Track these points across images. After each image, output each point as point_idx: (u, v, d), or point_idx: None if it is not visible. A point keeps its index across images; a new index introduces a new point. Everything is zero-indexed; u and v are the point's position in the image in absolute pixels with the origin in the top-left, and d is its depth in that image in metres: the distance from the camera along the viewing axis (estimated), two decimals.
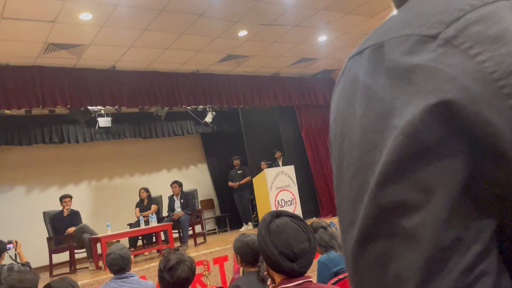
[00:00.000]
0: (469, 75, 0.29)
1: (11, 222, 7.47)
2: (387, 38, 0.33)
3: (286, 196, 7.08)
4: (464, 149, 0.29)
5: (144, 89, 6.57)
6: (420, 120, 0.30)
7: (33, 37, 4.98)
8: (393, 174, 0.30)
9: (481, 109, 0.29)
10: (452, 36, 0.30)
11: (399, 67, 0.31)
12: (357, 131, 0.33)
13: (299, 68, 8.09)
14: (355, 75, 0.34)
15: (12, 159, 7.93)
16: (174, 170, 9.83)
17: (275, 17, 5.59)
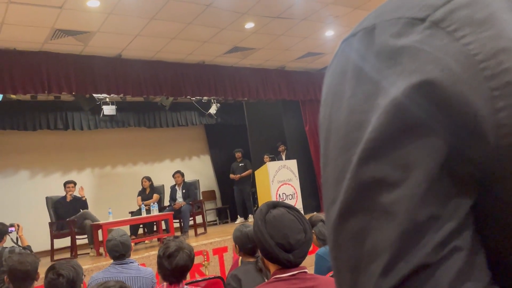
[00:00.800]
0: (453, 56, 0.30)
1: (14, 206, 7.55)
2: (379, 21, 0.34)
3: (287, 190, 7.10)
4: (444, 129, 0.30)
5: (149, 79, 6.58)
6: (402, 98, 0.30)
7: (40, 23, 4.99)
8: (374, 151, 0.31)
9: (462, 89, 0.29)
10: (440, 19, 0.31)
11: (387, 49, 0.32)
12: (345, 111, 0.33)
13: (305, 62, 8.06)
14: (347, 57, 0.35)
15: (17, 143, 7.99)
16: (177, 160, 9.87)
17: (283, 10, 5.57)
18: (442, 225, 0.29)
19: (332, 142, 0.34)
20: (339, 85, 0.35)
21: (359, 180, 0.31)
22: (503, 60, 0.29)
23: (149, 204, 6.84)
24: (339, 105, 0.34)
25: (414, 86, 0.30)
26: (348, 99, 0.33)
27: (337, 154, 0.33)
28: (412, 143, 0.30)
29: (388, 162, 0.30)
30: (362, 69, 0.33)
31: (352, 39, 0.35)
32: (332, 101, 0.35)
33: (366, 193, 0.31)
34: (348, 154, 0.32)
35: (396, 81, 0.31)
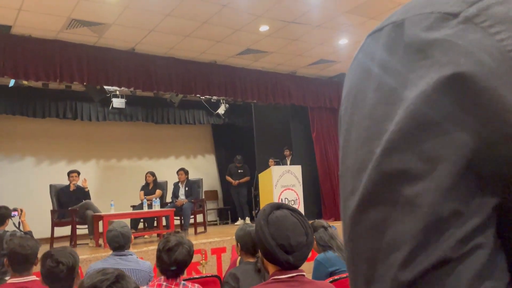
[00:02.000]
0: (487, 51, 0.30)
1: (18, 191, 7.60)
2: (409, 16, 0.33)
3: (290, 195, 7.09)
4: (474, 124, 0.29)
5: (160, 74, 6.61)
6: (432, 91, 0.30)
7: (57, 11, 5.04)
8: (400, 143, 0.30)
9: (495, 84, 0.29)
10: (474, 14, 0.31)
11: (418, 42, 0.31)
12: (369, 102, 0.33)
13: (317, 69, 8.06)
14: (372, 51, 0.35)
15: (25, 130, 8.05)
16: (182, 157, 9.89)
17: (299, 15, 5.58)
18: (465, 221, 0.29)
19: (354, 133, 0.34)
20: (364, 79, 0.34)
21: (382, 171, 0.31)
22: None
23: (151, 199, 6.85)
24: (363, 97, 0.34)
25: (446, 78, 0.30)
26: (374, 90, 0.33)
27: (359, 145, 0.33)
28: (439, 137, 0.29)
29: (414, 154, 0.30)
30: (389, 62, 0.33)
31: (379, 33, 0.35)
32: (356, 93, 0.35)
33: (389, 185, 0.30)
34: (371, 145, 0.32)
35: (426, 74, 0.30)
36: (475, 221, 0.29)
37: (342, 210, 0.35)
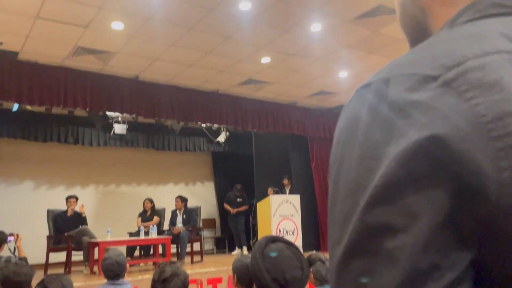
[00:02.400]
0: (462, 115, 0.32)
1: (15, 216, 7.55)
2: (394, 75, 0.36)
3: (288, 225, 7.03)
4: (450, 183, 0.31)
5: (163, 102, 6.69)
6: (411, 150, 0.32)
7: (64, 39, 5.16)
8: (382, 197, 0.32)
9: (469, 147, 0.31)
10: (452, 79, 0.33)
11: (400, 101, 0.34)
12: (356, 155, 0.35)
13: (317, 100, 8.16)
14: (360, 105, 0.37)
15: (25, 153, 8.08)
16: (181, 184, 9.87)
17: (300, 48, 5.70)
18: (443, 274, 0.31)
19: (341, 184, 0.36)
20: (352, 130, 0.37)
21: (365, 223, 0.33)
22: (509, 123, 0.31)
23: (148, 226, 6.80)
24: (351, 149, 0.36)
25: (424, 139, 0.32)
26: (360, 144, 0.35)
27: (346, 196, 0.35)
28: (418, 193, 0.31)
29: (394, 209, 0.32)
30: (375, 117, 0.35)
31: (368, 88, 0.37)
32: (344, 144, 0.37)
33: (371, 237, 0.32)
34: (356, 197, 0.34)
35: (406, 133, 0.33)
36: (453, 274, 0.31)
37: (330, 257, 0.36)
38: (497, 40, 0.36)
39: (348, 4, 4.59)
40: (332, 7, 4.66)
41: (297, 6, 4.61)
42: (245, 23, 4.93)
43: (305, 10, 4.71)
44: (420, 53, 0.38)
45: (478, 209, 0.31)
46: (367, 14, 4.84)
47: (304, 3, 4.55)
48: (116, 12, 4.58)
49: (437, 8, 0.47)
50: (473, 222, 0.31)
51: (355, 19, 4.96)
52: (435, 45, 0.38)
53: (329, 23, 5.03)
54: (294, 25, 5.04)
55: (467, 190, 0.31)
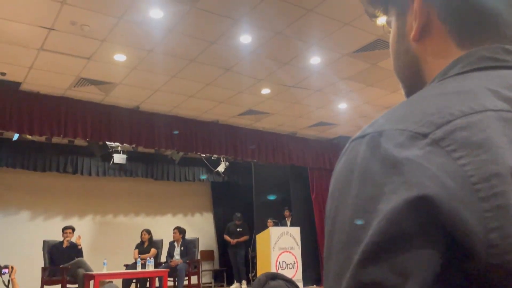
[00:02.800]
0: (450, 175, 0.33)
1: (11, 246, 7.42)
2: (385, 129, 0.37)
3: (288, 258, 6.90)
4: (440, 241, 0.32)
5: (163, 132, 6.72)
6: (401, 209, 0.32)
7: (67, 71, 5.23)
8: (374, 255, 0.33)
9: (457, 207, 0.32)
10: (440, 137, 0.34)
11: (391, 157, 0.35)
12: (350, 208, 0.36)
13: (316, 131, 8.20)
14: (354, 157, 0.38)
15: (23, 183, 8.03)
16: (179, 215, 9.76)
17: (299, 80, 5.78)
18: None
19: (336, 236, 0.37)
20: (346, 182, 0.37)
21: (358, 280, 0.33)
22: (496, 184, 0.32)
23: (145, 258, 6.68)
24: (345, 202, 0.37)
25: (414, 199, 0.32)
26: (353, 198, 0.36)
27: (340, 249, 0.36)
28: (409, 252, 0.32)
29: (386, 267, 0.32)
30: (367, 171, 0.36)
31: (361, 141, 0.38)
32: (339, 196, 0.38)
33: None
34: (349, 251, 0.34)
35: (396, 190, 0.33)
36: None
37: None
38: (485, 97, 0.37)
39: (347, 38, 4.68)
40: (331, 41, 4.75)
41: (297, 40, 4.70)
42: (245, 55, 5.01)
43: (304, 44, 4.80)
44: (411, 108, 0.39)
45: (468, 267, 0.32)
46: (365, 48, 4.93)
47: (303, 37, 4.64)
48: (119, 45, 4.66)
49: (430, 59, 0.49)
50: (464, 280, 0.32)
51: (353, 53, 5.05)
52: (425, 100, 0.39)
53: (328, 56, 5.12)
54: (294, 58, 5.12)
55: (457, 249, 0.32)
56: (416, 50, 0.51)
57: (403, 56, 0.53)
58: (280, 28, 4.44)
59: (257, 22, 4.31)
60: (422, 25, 0.49)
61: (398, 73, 0.56)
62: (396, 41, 0.55)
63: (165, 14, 4.10)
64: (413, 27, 0.50)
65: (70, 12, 3.98)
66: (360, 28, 4.48)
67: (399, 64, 0.55)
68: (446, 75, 0.44)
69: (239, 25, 4.35)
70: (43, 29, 4.25)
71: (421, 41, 0.50)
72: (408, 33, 0.51)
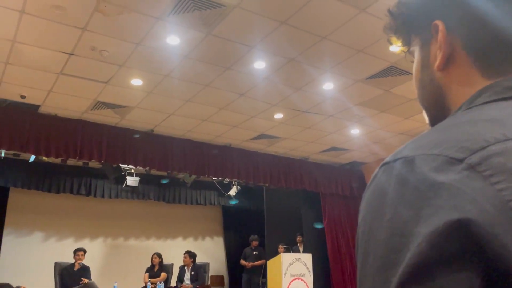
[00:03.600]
0: (488, 200, 0.33)
1: (23, 267, 7.44)
2: (419, 154, 0.38)
3: (299, 285, 6.76)
4: (479, 265, 0.32)
5: (176, 155, 6.77)
6: (442, 232, 0.33)
7: (85, 94, 5.35)
8: (413, 277, 0.33)
9: (497, 231, 0.32)
10: (477, 163, 0.35)
11: (427, 181, 0.35)
12: (384, 231, 0.36)
13: (329, 156, 8.18)
14: (386, 182, 0.38)
15: (37, 204, 8.10)
16: (190, 239, 9.71)
17: (312, 105, 5.81)
18: None
19: (371, 259, 0.37)
20: (380, 205, 0.38)
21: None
22: None
23: (155, 283, 6.62)
24: (379, 225, 0.37)
25: (454, 222, 0.33)
26: (388, 221, 0.36)
27: (376, 271, 0.36)
28: (449, 275, 0.32)
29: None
30: (402, 194, 0.36)
31: (392, 165, 0.39)
32: (372, 220, 0.38)
33: None
34: (386, 274, 0.34)
35: (435, 214, 0.34)
36: None
37: None
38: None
39: (360, 65, 4.73)
40: (344, 68, 4.80)
41: (310, 66, 4.76)
42: (259, 81, 5.08)
43: (317, 70, 4.86)
44: (443, 133, 0.40)
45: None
46: (378, 75, 4.96)
47: (316, 63, 4.70)
48: (136, 69, 4.77)
49: (455, 87, 0.50)
50: None
51: (366, 79, 5.08)
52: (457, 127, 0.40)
53: (341, 82, 5.16)
54: (307, 83, 5.17)
55: (496, 273, 0.32)
56: (441, 79, 0.51)
57: (428, 85, 0.54)
58: (294, 55, 4.51)
59: (271, 49, 4.39)
60: (447, 55, 0.50)
61: (423, 101, 0.57)
62: (420, 70, 0.55)
63: (182, 40, 4.20)
64: (437, 56, 0.51)
65: (90, 38, 4.11)
66: (372, 55, 4.52)
67: (423, 93, 0.56)
68: (473, 104, 0.45)
69: (253, 52, 4.43)
70: (63, 54, 4.39)
71: (446, 70, 0.50)
72: (432, 62, 0.52)
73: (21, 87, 5.13)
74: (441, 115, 0.49)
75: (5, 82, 5.00)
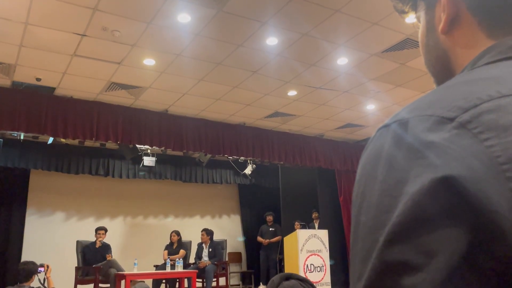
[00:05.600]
0: (476, 156, 0.33)
1: (46, 246, 7.69)
2: (413, 115, 0.38)
3: (316, 261, 6.84)
4: (466, 221, 0.32)
5: (191, 135, 6.81)
6: (427, 189, 0.33)
7: (98, 75, 5.38)
8: (400, 235, 0.33)
9: (483, 188, 0.32)
10: (467, 120, 0.35)
11: (418, 142, 0.35)
12: (376, 193, 0.36)
13: (344, 132, 8.11)
14: (381, 145, 0.38)
15: (58, 185, 8.30)
16: (207, 217, 9.86)
17: (326, 81, 5.74)
18: None
19: (362, 221, 0.37)
20: (373, 169, 0.38)
21: (384, 260, 0.33)
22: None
23: (174, 259, 6.77)
24: (372, 187, 0.37)
25: (439, 179, 0.33)
26: (380, 183, 0.36)
27: (366, 233, 0.36)
28: (435, 231, 0.32)
29: (412, 246, 0.32)
30: (395, 156, 0.36)
31: (387, 129, 0.39)
32: (365, 183, 0.38)
33: (390, 274, 0.33)
34: (376, 234, 0.35)
35: (422, 173, 0.34)
36: None
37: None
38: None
39: (375, 38, 4.62)
40: (359, 42, 4.70)
41: (323, 41, 4.68)
42: (272, 57, 5.02)
43: (331, 45, 4.77)
44: (438, 95, 0.39)
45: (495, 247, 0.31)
46: (394, 48, 4.85)
47: (330, 38, 4.61)
48: (148, 49, 4.76)
49: (459, 50, 0.49)
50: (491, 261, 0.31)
51: (381, 53, 4.97)
52: (453, 87, 0.40)
53: (356, 56, 5.06)
54: (321, 59, 5.10)
55: (483, 229, 0.31)
56: (445, 42, 0.51)
57: (433, 49, 0.53)
58: (307, 30, 4.43)
59: (284, 24, 4.32)
60: (451, 17, 0.49)
61: (429, 67, 0.56)
62: (425, 34, 0.54)
63: (192, 18, 4.16)
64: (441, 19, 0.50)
65: (102, 18, 4.10)
66: (388, 28, 4.41)
67: (429, 58, 0.55)
68: (476, 65, 0.44)
69: (266, 28, 4.37)
70: (76, 35, 4.40)
71: (450, 34, 0.50)
72: (437, 26, 0.51)
73: (36, 70, 5.19)
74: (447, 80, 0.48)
75: (20, 65, 5.06)
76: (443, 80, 0.51)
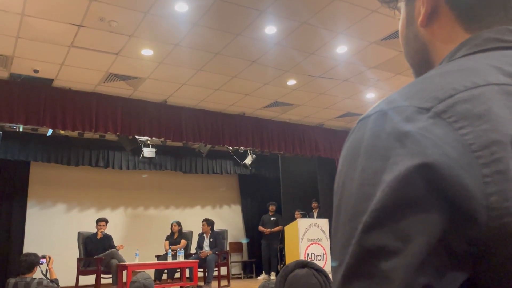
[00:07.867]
0: (451, 144, 0.34)
1: (48, 238, 7.72)
2: (391, 107, 0.39)
3: (317, 250, 6.88)
4: (441, 207, 0.33)
5: (190, 125, 6.80)
6: (404, 177, 0.34)
7: (96, 66, 5.35)
8: (377, 222, 0.34)
9: (458, 173, 0.33)
10: (442, 110, 0.36)
11: (395, 132, 0.37)
12: (356, 183, 0.37)
13: (344, 121, 8.10)
14: (361, 135, 0.39)
15: (58, 177, 8.31)
16: (207, 207, 9.88)
17: (326, 70, 5.71)
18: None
19: (343, 209, 0.38)
20: (353, 159, 0.39)
21: (362, 246, 0.35)
22: (496, 151, 0.34)
23: (176, 250, 6.80)
24: (352, 177, 0.38)
25: (415, 166, 0.34)
26: (359, 172, 0.38)
27: (346, 221, 0.37)
28: (411, 217, 0.33)
29: (389, 232, 0.34)
30: (373, 147, 0.38)
31: (367, 120, 0.40)
32: (346, 173, 0.40)
33: (368, 259, 0.34)
34: (355, 222, 0.36)
35: (400, 161, 0.35)
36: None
37: (333, 280, 0.38)
38: (488, 73, 0.38)
39: (374, 25, 4.58)
40: (358, 29, 4.66)
41: (322, 29, 4.64)
42: (270, 47, 4.99)
43: (330, 33, 4.73)
44: (416, 87, 0.41)
45: (469, 231, 0.33)
46: (393, 35, 4.81)
47: (329, 26, 4.57)
48: (146, 39, 4.72)
49: (438, 44, 0.51)
50: (465, 244, 0.33)
51: (381, 40, 4.93)
52: (431, 79, 0.41)
53: (355, 45, 5.03)
54: (320, 47, 5.06)
55: (458, 214, 0.33)
56: (425, 35, 0.52)
57: (412, 41, 0.55)
58: (306, 18, 4.39)
59: (282, 13, 4.28)
60: (430, 11, 0.50)
61: (408, 59, 0.57)
62: (405, 26, 0.56)
63: (190, 7, 4.12)
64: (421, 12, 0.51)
65: (98, 8, 4.06)
66: (387, 15, 4.37)
67: (408, 50, 0.57)
68: (453, 58, 0.45)
69: (264, 16, 4.33)
70: (73, 26, 4.36)
71: (429, 27, 0.51)
72: (416, 18, 0.52)
73: (33, 61, 5.16)
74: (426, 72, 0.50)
75: (18, 57, 5.03)
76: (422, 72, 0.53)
